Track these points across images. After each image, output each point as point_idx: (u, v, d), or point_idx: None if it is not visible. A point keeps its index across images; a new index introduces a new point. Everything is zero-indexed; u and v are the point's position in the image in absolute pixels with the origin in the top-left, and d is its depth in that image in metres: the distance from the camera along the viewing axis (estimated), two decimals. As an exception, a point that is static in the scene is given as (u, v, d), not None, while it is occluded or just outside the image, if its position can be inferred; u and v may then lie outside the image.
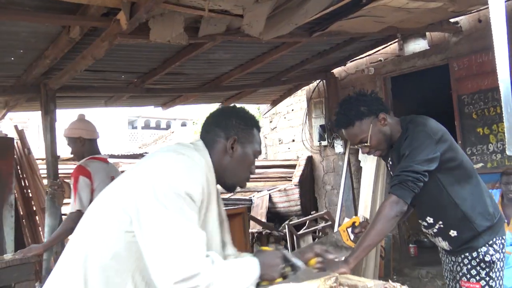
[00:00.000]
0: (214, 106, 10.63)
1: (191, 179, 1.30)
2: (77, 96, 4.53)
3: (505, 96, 0.98)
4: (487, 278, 1.99)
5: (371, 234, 1.87)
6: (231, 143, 1.49)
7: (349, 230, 2.15)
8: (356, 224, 2.13)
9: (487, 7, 4.25)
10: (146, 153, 9.11)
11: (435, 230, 2.12)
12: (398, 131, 2.07)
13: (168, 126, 22.50)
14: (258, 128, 1.60)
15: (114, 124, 18.16)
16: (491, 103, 4.59)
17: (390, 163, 2.16)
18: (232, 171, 1.52)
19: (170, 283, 1.18)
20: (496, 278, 2.01)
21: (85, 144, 3.09)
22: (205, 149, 1.48)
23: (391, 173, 2.19)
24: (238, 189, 6.08)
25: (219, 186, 1.56)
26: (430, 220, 2.11)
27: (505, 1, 0.95)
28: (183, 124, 21.16)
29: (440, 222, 2.08)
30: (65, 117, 4.29)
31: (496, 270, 2.01)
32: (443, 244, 2.14)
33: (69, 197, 3.36)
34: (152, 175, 1.29)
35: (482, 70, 4.63)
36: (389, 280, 1.56)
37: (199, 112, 14.22)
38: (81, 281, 1.28)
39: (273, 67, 4.96)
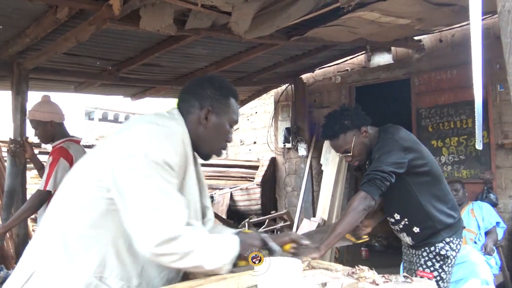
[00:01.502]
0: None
1: (168, 148, 1.31)
2: (47, 79, 4.46)
3: (477, 103, 1.17)
4: (440, 270, 2.25)
5: (341, 224, 2.08)
6: (205, 113, 1.49)
7: None
8: None
9: (449, 29, 4.59)
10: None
11: (400, 226, 2.35)
12: (376, 138, 2.29)
13: (126, 120, 21.96)
14: (235, 97, 1.59)
15: (70, 114, 17.61)
16: (446, 118, 4.94)
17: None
18: (206, 141, 1.52)
19: (151, 246, 1.20)
20: (447, 272, 2.27)
21: (54, 127, 3.03)
22: (181, 118, 1.48)
23: None
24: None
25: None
26: (397, 217, 2.34)
27: (482, 20, 1.14)
28: (143, 119, 20.78)
29: (406, 219, 2.32)
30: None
31: (448, 265, 2.26)
32: (407, 239, 2.38)
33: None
34: (129, 145, 1.29)
35: (440, 86, 4.99)
36: (358, 265, 1.73)
37: (157, 107, 13.94)
38: (61, 250, 1.28)
39: (246, 67, 5.09)
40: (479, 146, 1.26)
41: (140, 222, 1.22)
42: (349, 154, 2.27)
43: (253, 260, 1.25)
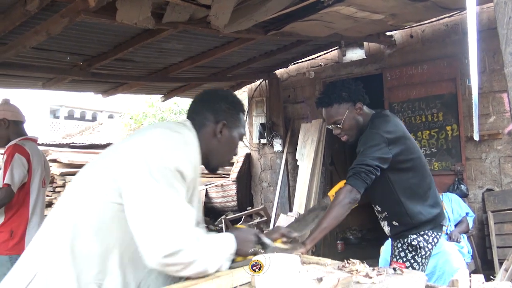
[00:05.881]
0: (154, 98, 10.40)
1: (183, 156, 1.33)
2: (13, 75, 4.25)
3: (474, 96, 1.17)
4: (412, 261, 2.28)
5: (327, 218, 2.06)
6: (220, 127, 1.55)
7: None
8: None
9: (419, 25, 4.68)
10: (73, 143, 8.67)
11: (382, 216, 2.39)
12: (367, 122, 2.27)
13: (94, 118, 21.41)
14: (244, 112, 1.69)
15: (34, 112, 16.94)
16: (417, 112, 5.06)
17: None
18: (218, 154, 1.58)
19: (159, 257, 1.20)
20: (420, 263, 2.28)
21: (9, 127, 2.98)
22: (193, 130, 1.50)
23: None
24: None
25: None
26: (378, 208, 2.39)
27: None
28: (110, 117, 20.32)
29: (386, 213, 2.35)
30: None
31: (420, 256, 2.28)
32: (386, 229, 2.41)
33: None
34: (146, 149, 1.30)
35: (411, 81, 5.10)
36: (348, 259, 1.73)
37: (125, 105, 13.66)
38: (67, 253, 1.26)
39: (221, 63, 5.04)
40: (476, 137, 1.28)
41: (148, 232, 1.22)
42: (338, 126, 2.26)
43: (253, 268, 1.25)
